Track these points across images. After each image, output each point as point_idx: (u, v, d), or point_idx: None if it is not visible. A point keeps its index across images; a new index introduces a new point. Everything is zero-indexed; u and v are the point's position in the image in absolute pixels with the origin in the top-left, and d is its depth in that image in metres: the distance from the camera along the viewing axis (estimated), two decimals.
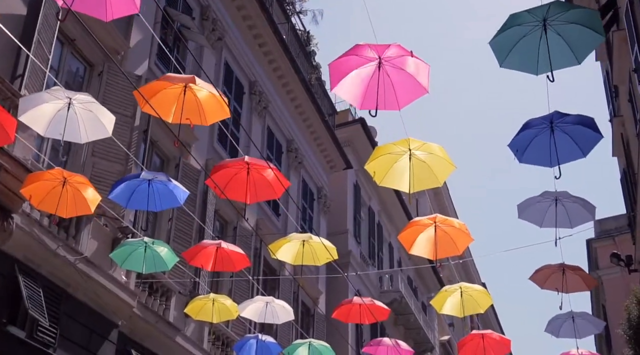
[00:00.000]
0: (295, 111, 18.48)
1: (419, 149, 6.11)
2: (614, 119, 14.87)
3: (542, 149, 6.08)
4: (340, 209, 21.72)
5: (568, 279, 8.44)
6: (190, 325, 11.99)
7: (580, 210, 7.12)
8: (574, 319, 9.45)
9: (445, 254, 7.43)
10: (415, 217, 30.06)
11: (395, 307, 24.02)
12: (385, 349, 10.19)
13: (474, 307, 8.67)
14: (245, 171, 6.39)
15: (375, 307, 9.20)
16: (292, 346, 10.67)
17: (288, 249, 7.79)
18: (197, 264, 8.12)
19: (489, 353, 9.67)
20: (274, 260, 16.18)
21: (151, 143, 11.92)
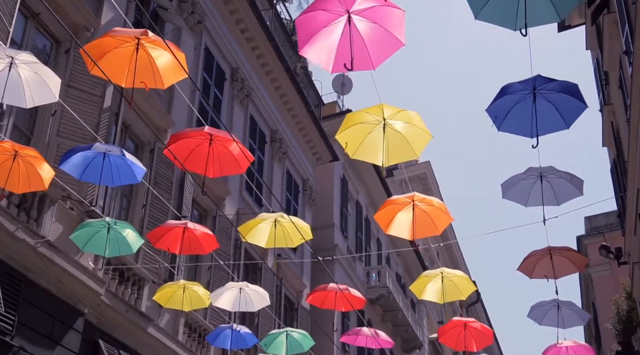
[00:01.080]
0: (279, 101, 18.04)
1: (393, 117, 5.68)
2: (604, 108, 14.52)
3: (523, 117, 5.69)
4: (326, 202, 21.29)
5: (556, 263, 8.04)
6: (165, 316, 11.53)
7: (567, 186, 6.72)
8: (559, 307, 9.04)
9: (424, 234, 7.02)
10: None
11: (382, 303, 23.63)
12: (364, 338, 9.76)
13: (455, 294, 8.26)
14: (208, 143, 5.94)
15: (351, 296, 8.77)
16: (270, 336, 10.23)
17: (260, 232, 7.35)
18: (163, 246, 7.66)
19: (469, 343, 9.26)
20: (256, 252, 15.72)
21: (125, 127, 11.45)
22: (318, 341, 16.57)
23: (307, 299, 9.05)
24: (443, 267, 8.10)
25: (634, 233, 11.91)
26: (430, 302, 33.05)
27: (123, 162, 6.31)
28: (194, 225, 7.57)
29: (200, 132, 5.96)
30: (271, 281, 16.11)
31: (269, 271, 15.96)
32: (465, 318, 9.47)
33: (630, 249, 13.91)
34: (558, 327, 9.07)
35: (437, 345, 32.77)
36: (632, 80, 10.34)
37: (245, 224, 7.36)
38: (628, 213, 12.55)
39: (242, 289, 8.84)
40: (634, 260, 12.95)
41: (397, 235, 7.08)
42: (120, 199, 11.38)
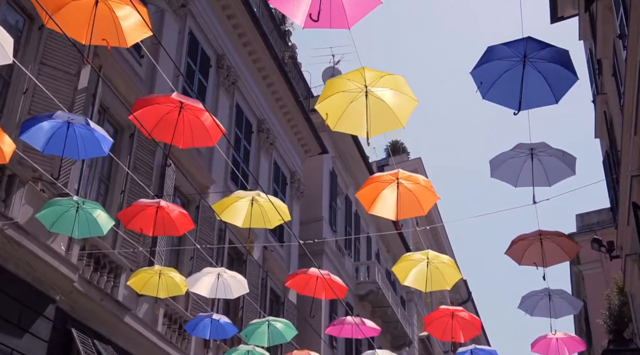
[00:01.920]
0: (267, 90, 17.66)
1: (376, 83, 5.32)
2: (597, 97, 14.23)
3: (510, 87, 5.34)
4: (315, 196, 20.94)
5: (547, 249, 7.71)
6: (143, 305, 11.13)
7: (559, 165, 6.38)
8: (550, 296, 8.72)
9: (409, 214, 6.67)
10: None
11: (371, 299, 23.30)
12: (349, 328, 9.40)
13: (440, 283, 7.89)
14: (177, 111, 5.57)
15: (333, 282, 8.39)
16: (251, 326, 9.85)
17: (236, 210, 6.96)
18: (135, 227, 7.27)
19: (457, 333, 8.92)
20: (241, 242, 15.35)
21: (103, 109, 11.05)
22: (305, 337, 16.25)
23: (287, 283, 8.66)
24: (429, 250, 7.72)
25: (627, 223, 11.62)
26: (421, 301, 32.75)
27: (89, 133, 5.92)
28: (167, 204, 7.19)
29: (168, 97, 5.58)
30: (256, 274, 15.74)
31: (254, 263, 15.59)
32: (454, 307, 9.12)
33: (622, 242, 13.62)
34: (550, 317, 8.75)
35: (427, 343, 32.47)
36: (626, 64, 10.04)
37: (220, 201, 6.96)
38: (621, 203, 12.26)
39: (220, 274, 8.46)
40: (627, 253, 12.66)
41: (380, 215, 6.72)
42: (97, 183, 10.98)
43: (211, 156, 14.34)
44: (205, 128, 5.67)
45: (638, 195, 10.33)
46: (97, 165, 10.92)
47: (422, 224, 29.42)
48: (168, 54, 12.18)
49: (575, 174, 6.41)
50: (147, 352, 10.90)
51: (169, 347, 11.43)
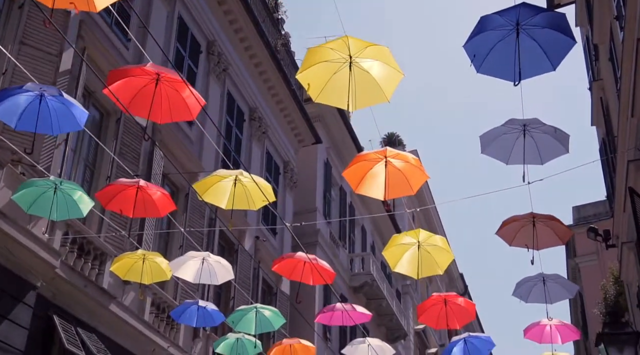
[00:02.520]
0: (259, 78, 17.40)
1: (360, 54, 5.08)
2: (593, 84, 14.01)
3: (505, 58, 5.11)
4: (309, 186, 20.71)
5: (539, 232, 7.49)
6: (130, 294, 10.90)
7: (551, 143, 6.15)
8: (544, 281, 8.49)
9: (398, 193, 6.43)
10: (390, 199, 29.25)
11: (366, 291, 23.10)
12: (340, 314, 9.18)
13: (432, 268, 7.66)
14: (154, 83, 5.32)
15: (320, 267, 8.16)
16: (238, 313, 9.61)
17: (218, 191, 6.71)
18: (115, 208, 7.03)
19: (452, 321, 8.70)
20: (231, 233, 15.11)
21: (87, 93, 10.79)
22: (298, 329, 16.02)
23: (274, 267, 8.42)
24: (420, 229, 7.46)
25: (623, 210, 11.40)
26: (417, 294, 32.51)
27: (63, 107, 5.66)
28: (147, 184, 6.93)
29: (143, 69, 5.32)
30: (248, 264, 15.52)
31: (245, 253, 15.36)
32: (445, 293, 8.89)
33: (618, 230, 13.41)
34: (546, 303, 8.53)
35: (422, 336, 32.32)
36: (623, 46, 9.81)
37: (201, 181, 6.71)
38: (617, 190, 12.05)
39: (205, 259, 8.22)
40: (623, 241, 12.45)
41: (368, 194, 6.49)
42: (83, 168, 10.73)
43: (201, 143, 14.09)
44: (183, 101, 5.41)
45: (634, 181, 10.11)
46: (81, 150, 10.67)
47: (413, 206, 29.24)
48: (154, 39, 12.00)
49: (568, 152, 6.19)
50: (134, 341, 10.68)
51: (156, 336, 11.20)
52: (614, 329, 6.46)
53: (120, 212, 7.10)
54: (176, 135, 12.99)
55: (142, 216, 7.24)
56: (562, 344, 9.71)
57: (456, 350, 9.69)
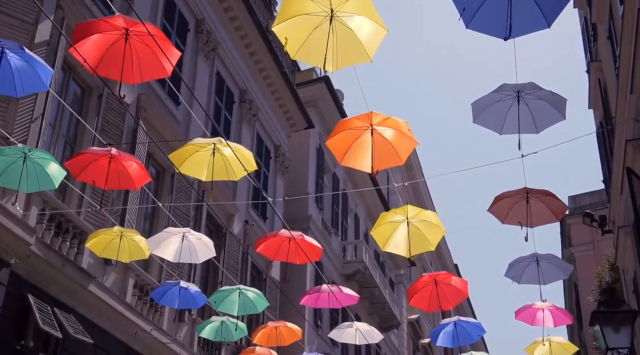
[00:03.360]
0: (250, 60, 17.00)
1: (342, 6, 4.72)
2: (591, 66, 13.68)
3: (496, 13, 4.75)
4: (301, 172, 20.36)
5: (533, 209, 7.16)
6: (111, 275, 10.56)
7: (547, 109, 5.81)
8: (538, 262, 8.17)
9: (385, 164, 6.09)
10: (386, 187, 28.85)
11: (358, 279, 22.81)
12: (326, 296, 8.85)
13: (423, 244, 7.33)
14: (124, 39, 4.94)
15: (307, 244, 7.81)
16: (220, 293, 9.27)
17: (196, 162, 6.35)
18: (87, 179, 6.67)
19: (444, 302, 8.38)
20: (220, 216, 14.78)
21: (68, 67, 10.40)
22: (288, 317, 15.62)
23: (257, 249, 8.08)
24: (408, 205, 7.11)
25: (620, 192, 11.10)
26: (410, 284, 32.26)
27: (26, 66, 5.29)
28: (120, 153, 6.57)
29: (111, 22, 4.93)
30: (236, 248, 15.19)
31: (234, 237, 15.02)
32: (435, 273, 8.57)
33: (615, 215, 13.13)
34: (540, 284, 8.20)
35: (416, 326, 32.10)
36: (623, 21, 9.47)
37: (177, 151, 6.33)
38: (614, 172, 11.74)
39: (185, 236, 7.86)
40: (619, 225, 12.17)
41: (353, 166, 6.14)
42: (62, 145, 10.36)
43: (189, 123, 13.73)
44: (155, 56, 5.03)
45: (632, 160, 9.80)
46: (61, 126, 10.30)
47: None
48: (138, 16, 11.58)
49: (565, 118, 5.85)
50: (114, 323, 10.34)
51: (138, 319, 10.87)
52: (610, 307, 6.13)
53: (93, 184, 6.73)
54: (162, 113, 12.61)
55: (116, 188, 6.88)
56: (555, 328, 9.43)
57: (444, 333, 9.39)
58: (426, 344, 33.66)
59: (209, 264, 14.23)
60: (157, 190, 12.79)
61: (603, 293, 6.53)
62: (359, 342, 10.21)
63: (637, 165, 9.75)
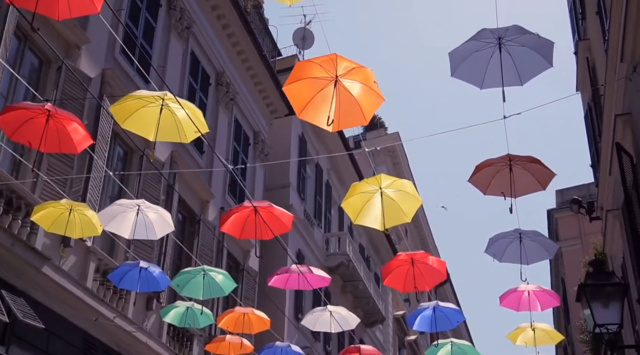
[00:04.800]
0: (227, 41, 16.35)
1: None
2: (579, 45, 13.17)
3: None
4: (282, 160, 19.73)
5: (517, 177, 6.59)
6: (70, 258, 9.89)
7: (532, 57, 5.23)
8: (521, 239, 7.60)
9: (348, 123, 5.48)
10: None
11: (342, 272, 22.22)
12: (296, 277, 8.23)
13: (398, 216, 6.73)
14: None
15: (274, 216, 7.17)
16: (183, 276, 8.63)
17: (143, 119, 5.71)
18: (22, 140, 5.99)
19: (420, 282, 7.80)
20: (193, 201, 14.13)
21: (23, 36, 9.73)
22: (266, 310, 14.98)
23: (222, 228, 7.40)
24: (381, 174, 6.51)
25: (609, 173, 10.58)
26: None
27: None
28: (57, 110, 5.90)
29: None
30: (211, 236, 14.53)
31: (208, 225, 14.37)
32: (412, 252, 7.98)
33: (603, 199, 12.62)
34: (521, 263, 7.63)
35: (402, 323, 31.55)
36: None
37: (119, 105, 5.66)
38: (603, 150, 11.22)
39: (140, 208, 7.21)
40: (608, 208, 11.65)
41: (312, 121, 5.53)
42: None
43: None
44: None
45: (622, 136, 9.27)
46: (14, 98, 9.61)
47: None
48: None
49: (552, 66, 5.27)
50: (73, 309, 9.67)
51: (100, 305, 10.20)
52: (598, 279, 5.56)
53: (28, 145, 6.07)
54: (129, 91, 11.86)
55: (55, 151, 6.22)
56: (542, 311, 8.89)
57: (421, 317, 8.81)
58: (412, 340, 33.13)
59: (181, 252, 13.59)
60: (123, 171, 12.12)
61: (590, 264, 5.96)
62: (335, 330, 9.60)
63: (627, 141, 9.24)
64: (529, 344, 9.83)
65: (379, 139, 32.38)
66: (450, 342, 9.78)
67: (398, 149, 32.45)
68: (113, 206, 7.28)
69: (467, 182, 6.60)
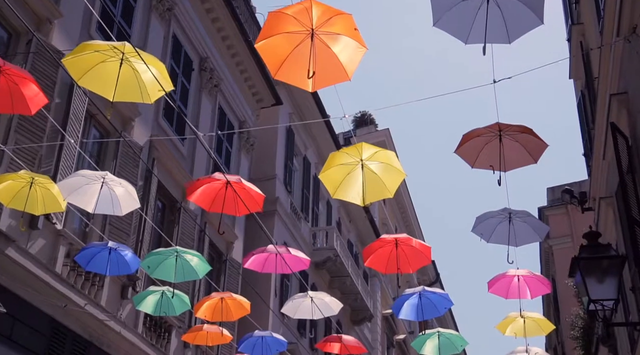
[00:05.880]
0: (212, 26, 15.89)
1: None
2: (572, 29, 12.81)
3: None
4: (268, 153, 19.29)
5: (507, 149, 6.18)
6: (37, 241, 9.40)
7: (522, 12, 4.81)
8: (510, 219, 7.19)
9: (329, 80, 5.05)
10: None
11: (329, 267, 21.78)
12: (273, 259, 7.77)
13: (380, 191, 6.29)
14: None
15: (246, 192, 6.70)
16: (154, 257, 8.15)
17: (101, 74, 5.22)
18: None
19: (403, 264, 7.37)
20: (173, 188, 13.65)
21: None
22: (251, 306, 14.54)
23: (189, 197, 6.93)
24: (363, 142, 6.05)
25: (603, 157, 10.19)
26: (386, 278, 31.17)
27: None
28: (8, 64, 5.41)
29: None
30: (192, 225, 14.05)
31: (189, 214, 13.89)
32: (396, 235, 7.55)
33: (595, 189, 12.24)
34: (508, 245, 7.21)
35: (391, 321, 31.12)
36: None
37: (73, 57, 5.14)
38: (596, 134, 10.83)
39: (105, 181, 6.73)
40: (601, 196, 11.27)
41: (290, 81, 5.10)
42: None
43: None
44: None
45: (617, 117, 8.89)
46: None
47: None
48: None
49: (543, 23, 4.86)
50: (40, 294, 9.16)
51: (70, 291, 9.69)
52: (593, 252, 5.14)
53: None
54: None
55: (7, 112, 5.75)
56: (532, 299, 8.48)
57: (408, 305, 8.38)
58: (401, 340, 32.70)
59: (160, 241, 13.08)
60: (99, 154, 11.64)
61: (585, 236, 5.54)
62: (317, 317, 9.16)
63: (622, 122, 8.85)
64: (519, 335, 9.43)
65: (369, 135, 31.99)
66: (437, 332, 9.36)
67: (388, 145, 32.05)
68: (75, 176, 6.79)
69: (454, 153, 6.17)
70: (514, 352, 10.31)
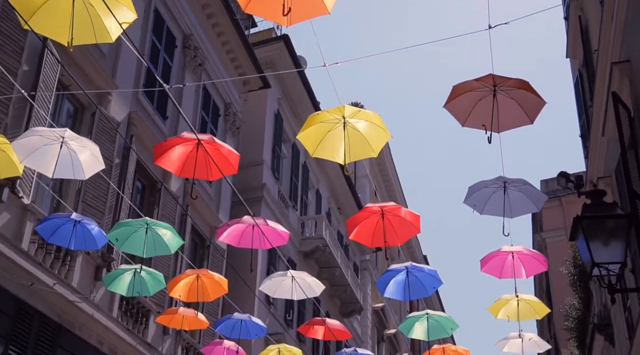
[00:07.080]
0: (196, 3, 15.31)
1: None
2: (570, 4, 12.33)
3: None
4: (255, 137, 18.72)
5: (501, 107, 5.66)
6: (2, 214, 8.81)
7: None
8: (505, 188, 6.66)
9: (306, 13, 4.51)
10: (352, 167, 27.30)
11: (318, 258, 21.24)
12: (250, 232, 7.22)
13: (363, 150, 5.75)
14: None
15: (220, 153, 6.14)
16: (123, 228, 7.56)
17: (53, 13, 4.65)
18: None
19: (391, 236, 6.83)
20: (153, 168, 13.04)
21: None
22: (235, 291, 13.98)
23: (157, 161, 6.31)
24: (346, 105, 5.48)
25: (602, 133, 9.69)
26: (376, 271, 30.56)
27: None
28: None
29: None
30: (173, 208, 13.49)
31: (170, 195, 13.32)
32: (383, 203, 7.01)
33: (592, 173, 11.76)
34: (504, 217, 6.68)
35: (381, 315, 30.64)
36: None
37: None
38: (595, 108, 10.33)
39: (64, 141, 6.14)
40: (599, 175, 10.78)
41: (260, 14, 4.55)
42: None
43: (116, 58, 11.99)
44: None
45: (619, 87, 8.38)
46: None
47: None
48: None
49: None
50: (4, 272, 8.58)
51: (37, 270, 9.10)
52: (598, 212, 4.62)
53: None
54: None
55: None
56: (527, 278, 7.97)
57: (394, 283, 7.84)
58: (392, 334, 32.22)
59: None
60: (72, 128, 11.03)
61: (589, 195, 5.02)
62: (297, 298, 8.62)
63: (624, 92, 8.35)
64: (512, 318, 8.93)
65: None
66: (425, 314, 8.84)
67: None
68: (32, 136, 6.19)
69: (443, 107, 5.63)
70: (508, 337, 9.81)
